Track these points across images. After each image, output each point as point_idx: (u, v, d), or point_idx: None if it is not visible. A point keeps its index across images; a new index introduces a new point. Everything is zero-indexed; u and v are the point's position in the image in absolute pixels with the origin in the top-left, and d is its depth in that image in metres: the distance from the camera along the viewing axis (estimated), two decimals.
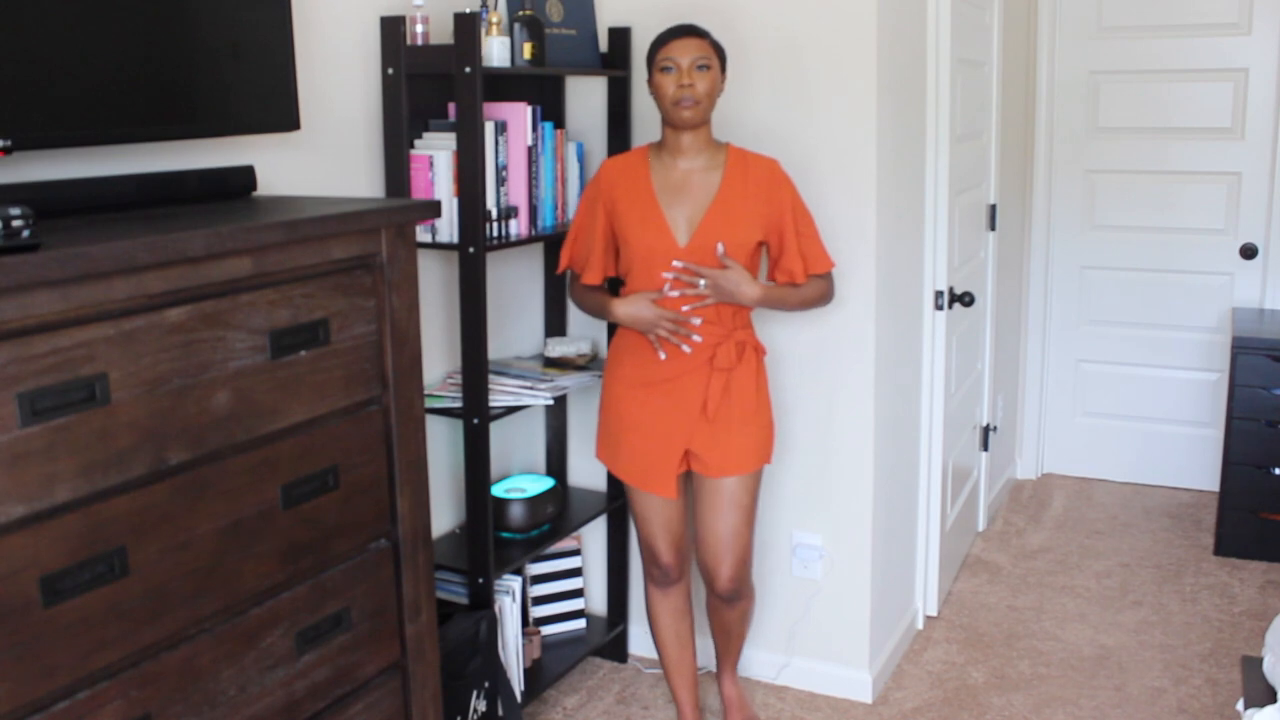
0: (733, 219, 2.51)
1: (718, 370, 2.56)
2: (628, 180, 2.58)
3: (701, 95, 2.47)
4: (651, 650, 3.31)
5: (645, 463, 2.62)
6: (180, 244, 1.56)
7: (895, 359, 3.13)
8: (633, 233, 2.54)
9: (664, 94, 2.48)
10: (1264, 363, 3.89)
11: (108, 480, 1.52)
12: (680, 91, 2.46)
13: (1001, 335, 4.35)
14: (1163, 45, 4.41)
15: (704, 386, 2.57)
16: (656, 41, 2.53)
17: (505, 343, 3.15)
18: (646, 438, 2.61)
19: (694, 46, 2.48)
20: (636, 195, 2.56)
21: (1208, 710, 3.02)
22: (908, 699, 3.10)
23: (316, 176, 2.48)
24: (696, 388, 2.57)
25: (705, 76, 2.48)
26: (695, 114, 2.48)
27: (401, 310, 1.99)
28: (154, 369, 1.57)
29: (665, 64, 2.48)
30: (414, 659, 2.10)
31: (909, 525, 3.42)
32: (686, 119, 2.48)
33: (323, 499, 1.87)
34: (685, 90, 2.46)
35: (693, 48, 2.48)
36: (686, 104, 2.46)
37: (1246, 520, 3.97)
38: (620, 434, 2.64)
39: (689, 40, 2.49)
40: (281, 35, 2.13)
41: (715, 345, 2.56)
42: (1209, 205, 4.44)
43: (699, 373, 2.57)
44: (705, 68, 2.48)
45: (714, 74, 2.50)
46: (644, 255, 2.53)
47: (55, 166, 1.90)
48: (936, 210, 3.31)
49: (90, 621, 1.51)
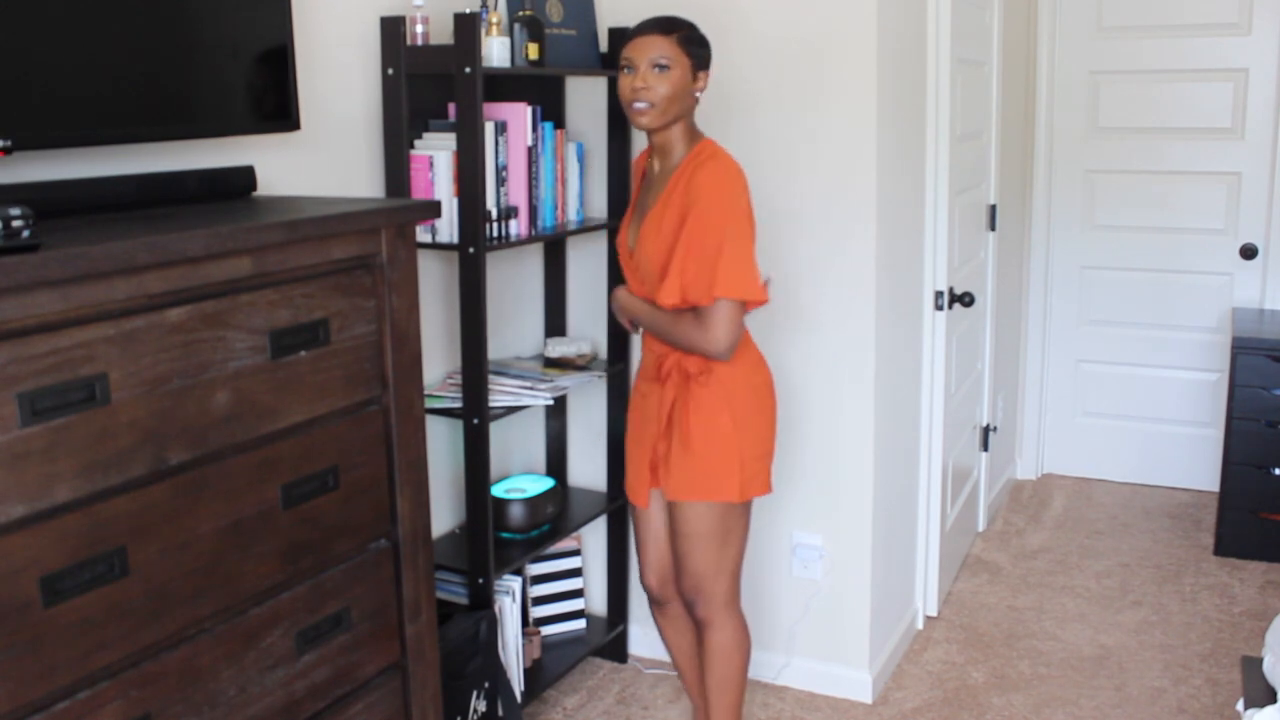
0: (659, 226, 2.36)
1: (667, 385, 2.43)
2: (635, 179, 2.59)
3: (657, 98, 2.29)
4: (652, 651, 3.32)
5: (629, 469, 2.59)
6: (180, 244, 1.57)
7: (895, 359, 3.13)
8: None
9: (621, 95, 2.35)
10: (1264, 363, 3.89)
11: (108, 480, 1.52)
12: (633, 94, 2.30)
13: (1001, 335, 4.35)
14: (1163, 45, 4.41)
15: (660, 401, 2.46)
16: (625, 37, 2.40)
17: (505, 343, 3.15)
18: (630, 443, 2.58)
19: (654, 45, 2.29)
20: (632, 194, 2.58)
21: (1208, 710, 3.02)
22: (908, 699, 3.10)
23: (316, 177, 2.48)
24: (656, 400, 2.47)
25: (664, 78, 2.28)
26: (650, 118, 2.31)
27: (401, 310, 1.99)
28: (154, 369, 1.57)
29: (624, 63, 2.33)
30: (414, 659, 2.10)
31: (909, 525, 3.42)
32: (641, 123, 2.33)
33: (323, 499, 1.87)
34: (639, 93, 2.29)
35: (652, 46, 2.29)
36: (639, 108, 2.30)
37: (1246, 520, 3.97)
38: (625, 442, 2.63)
39: (650, 38, 2.31)
40: (281, 35, 2.13)
41: (661, 360, 2.46)
42: (1209, 205, 4.44)
43: (657, 384, 2.47)
44: (664, 68, 2.29)
45: (676, 74, 2.30)
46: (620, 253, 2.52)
47: (55, 166, 1.90)
48: (936, 210, 3.31)
49: (90, 621, 1.51)
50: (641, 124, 2.33)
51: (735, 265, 2.27)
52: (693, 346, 2.35)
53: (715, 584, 2.49)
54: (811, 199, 2.91)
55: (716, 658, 2.54)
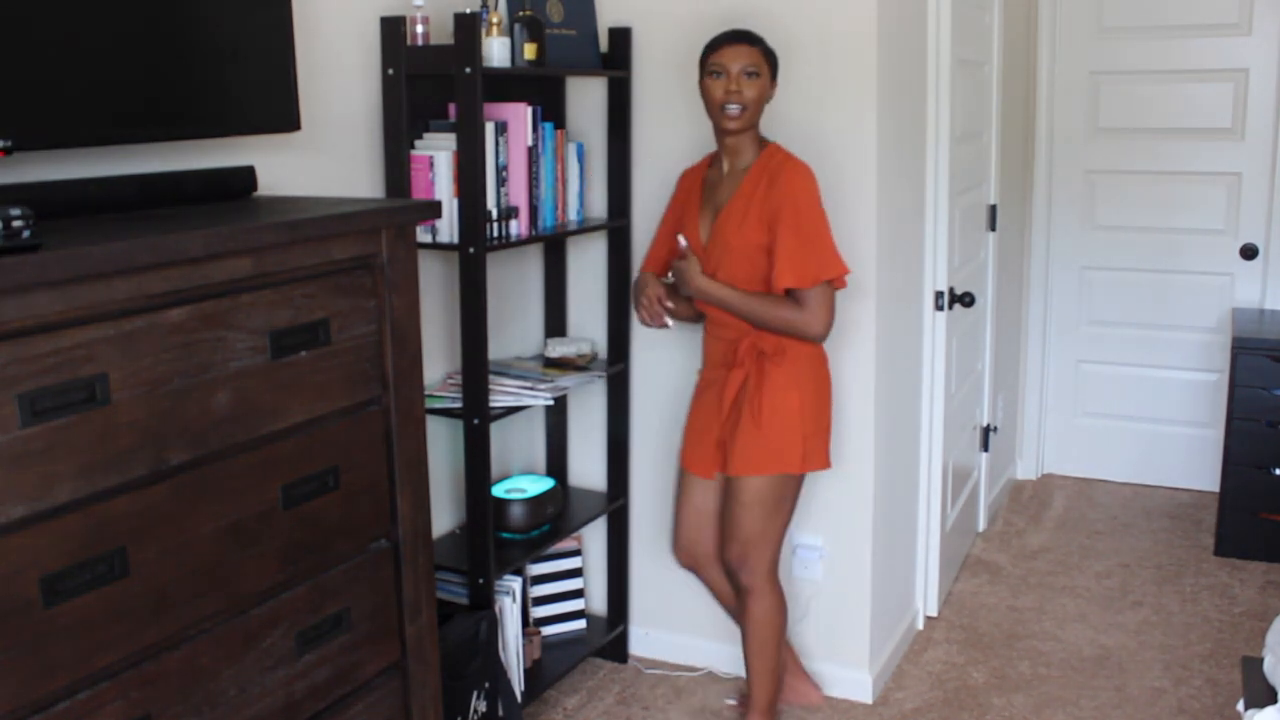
0: (739, 220, 2.58)
1: (735, 370, 2.64)
2: (690, 184, 2.76)
3: (748, 101, 2.53)
4: (652, 651, 3.32)
5: (689, 445, 2.80)
6: (180, 244, 1.57)
7: (895, 359, 3.13)
8: (682, 232, 2.70)
9: (712, 99, 2.55)
10: (1264, 363, 3.89)
11: (108, 480, 1.52)
12: (727, 97, 2.52)
13: (1002, 335, 4.35)
14: (1163, 45, 4.41)
15: (726, 385, 2.67)
16: (709, 45, 2.59)
17: (505, 343, 3.15)
18: (692, 424, 2.80)
19: (744, 54, 2.53)
20: (691, 197, 2.73)
21: (1208, 711, 3.01)
22: (908, 699, 3.10)
23: (317, 177, 2.48)
24: (722, 386, 2.68)
25: (753, 84, 2.53)
26: (740, 121, 2.54)
27: (402, 310, 1.99)
28: (154, 369, 1.57)
29: (714, 69, 2.54)
30: (414, 659, 2.10)
31: (909, 525, 3.42)
32: (731, 126, 2.55)
33: (323, 499, 1.87)
34: (732, 96, 2.52)
35: (743, 55, 2.53)
36: (732, 111, 2.53)
37: (1246, 520, 3.97)
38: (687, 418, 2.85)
39: (740, 47, 2.54)
40: (281, 35, 2.13)
41: (735, 346, 2.66)
42: (1209, 205, 4.44)
43: (725, 371, 2.68)
44: (754, 75, 2.53)
45: (763, 82, 2.55)
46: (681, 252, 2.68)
47: (55, 166, 1.90)
48: (937, 210, 3.31)
49: (90, 622, 1.51)
50: (732, 127, 2.55)
51: (830, 252, 2.57)
52: (790, 327, 2.57)
53: (761, 551, 2.69)
54: None
55: (757, 625, 2.74)
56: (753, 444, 2.62)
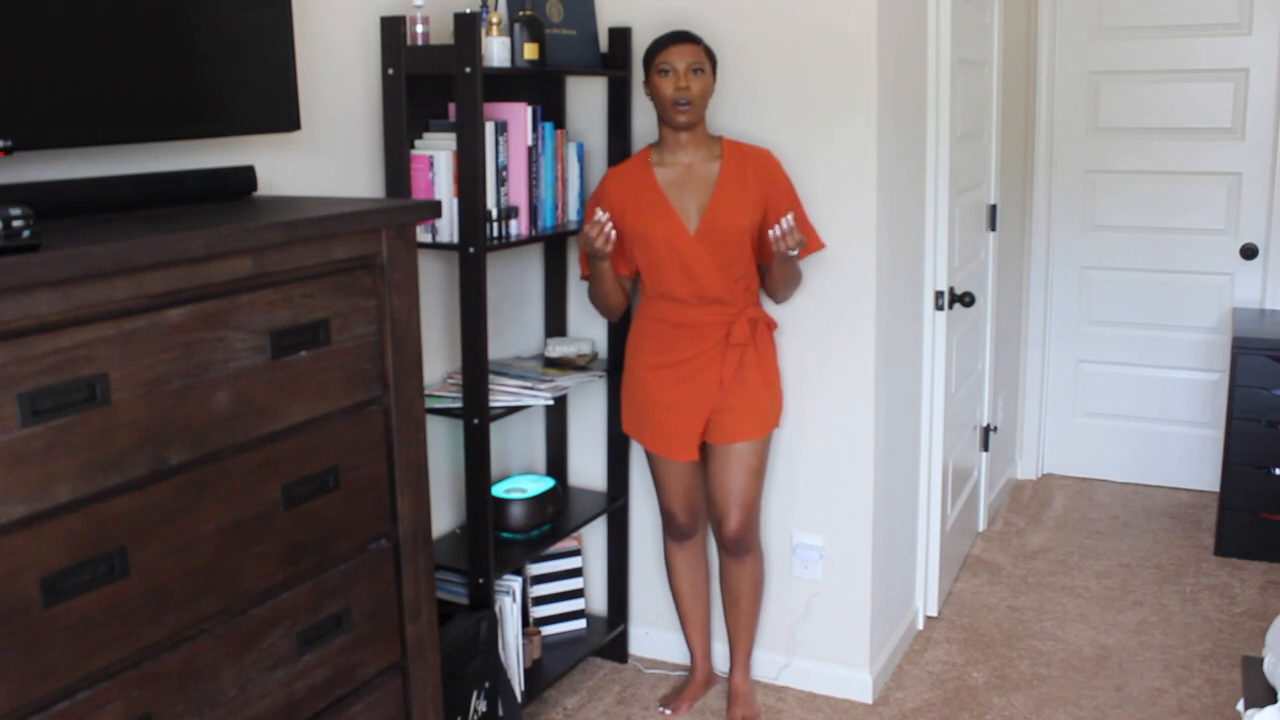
0: (733, 205, 2.71)
1: (733, 346, 2.75)
2: (634, 184, 2.76)
3: (696, 96, 2.67)
4: (652, 651, 3.32)
5: (670, 433, 2.83)
6: (180, 244, 1.56)
7: (895, 359, 3.13)
8: (648, 228, 2.72)
9: (663, 96, 2.68)
10: (1264, 363, 3.89)
11: (108, 480, 1.52)
12: (677, 93, 2.66)
13: (1002, 335, 4.35)
14: (1163, 45, 4.41)
15: (720, 363, 2.76)
16: (653, 46, 2.71)
17: (505, 343, 3.15)
18: (671, 412, 2.81)
19: (689, 52, 2.67)
20: (645, 195, 2.73)
21: (1208, 710, 3.02)
22: (908, 699, 3.10)
23: (316, 177, 2.48)
24: (714, 364, 2.77)
25: (699, 80, 2.68)
26: (690, 115, 2.68)
27: (402, 310, 1.99)
28: (154, 369, 1.57)
29: (663, 67, 2.67)
30: (414, 659, 2.10)
31: (909, 525, 3.42)
32: (683, 121, 2.68)
33: (323, 499, 1.87)
34: (682, 92, 2.66)
35: (688, 53, 2.67)
36: (683, 106, 2.66)
37: (1246, 520, 3.97)
38: (648, 411, 2.85)
39: (685, 46, 2.68)
40: (281, 35, 2.13)
41: (729, 323, 2.75)
42: (1209, 205, 4.44)
43: (716, 350, 2.76)
44: (700, 71, 2.68)
45: (707, 77, 2.70)
46: (658, 246, 2.71)
47: (55, 166, 1.90)
48: (937, 210, 3.31)
49: (90, 622, 1.51)
50: (683, 121, 2.68)
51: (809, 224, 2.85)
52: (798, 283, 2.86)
53: (757, 511, 2.93)
54: (812, 199, 2.90)
55: (756, 583, 2.97)
56: (753, 411, 2.80)
